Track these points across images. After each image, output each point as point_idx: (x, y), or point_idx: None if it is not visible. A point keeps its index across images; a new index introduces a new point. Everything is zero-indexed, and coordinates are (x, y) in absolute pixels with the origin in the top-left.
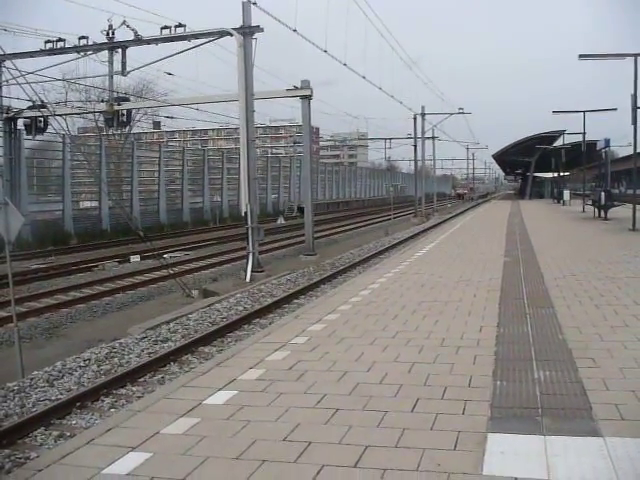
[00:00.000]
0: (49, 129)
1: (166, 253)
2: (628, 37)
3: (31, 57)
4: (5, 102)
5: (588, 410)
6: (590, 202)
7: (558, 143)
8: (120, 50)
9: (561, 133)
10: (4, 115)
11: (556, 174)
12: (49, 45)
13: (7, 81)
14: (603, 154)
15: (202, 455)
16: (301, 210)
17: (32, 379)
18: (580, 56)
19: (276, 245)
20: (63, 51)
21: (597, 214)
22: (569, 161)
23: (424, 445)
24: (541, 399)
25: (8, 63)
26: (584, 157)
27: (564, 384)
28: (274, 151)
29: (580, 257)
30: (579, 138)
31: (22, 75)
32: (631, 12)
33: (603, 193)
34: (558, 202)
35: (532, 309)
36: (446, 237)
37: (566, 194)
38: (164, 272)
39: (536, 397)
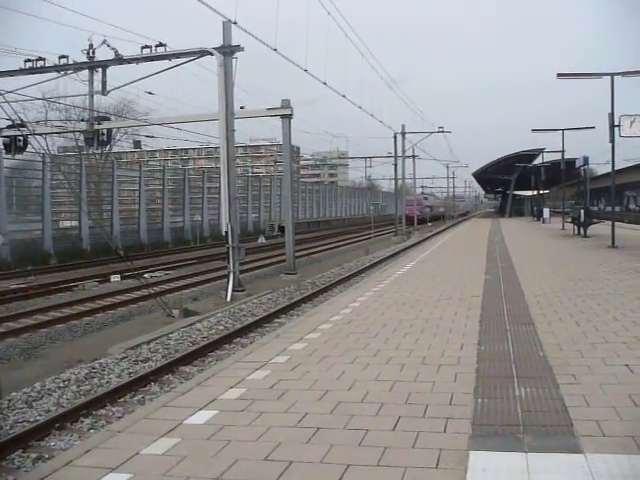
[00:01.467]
0: (29, 148)
1: (146, 272)
2: (610, 55)
3: (10, 76)
4: None
5: (569, 426)
6: (570, 219)
7: (538, 161)
8: (100, 69)
9: (540, 151)
10: None
11: (536, 192)
12: (29, 64)
13: None
14: (582, 172)
15: (183, 475)
16: (282, 229)
17: (10, 400)
18: (558, 75)
19: (257, 264)
20: (43, 70)
21: (577, 231)
22: (548, 179)
23: (406, 464)
24: (522, 416)
25: None
26: (563, 175)
27: (545, 401)
28: (255, 170)
29: (560, 274)
30: (558, 156)
31: (1, 94)
32: (613, 29)
33: (582, 210)
34: (538, 220)
35: (513, 326)
36: (427, 255)
37: (546, 212)
38: (145, 292)
39: (517, 414)
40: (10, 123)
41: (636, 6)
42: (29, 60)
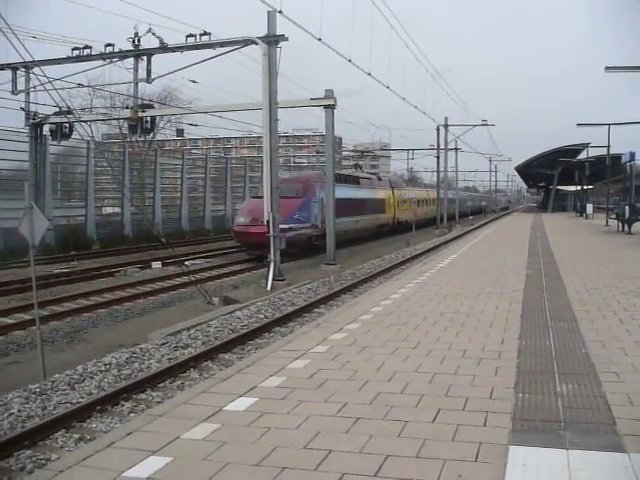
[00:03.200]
0: (74, 135)
1: (187, 260)
2: None
3: (58, 64)
4: (31, 108)
5: (612, 425)
6: (614, 216)
7: (582, 156)
8: (145, 57)
9: (585, 146)
10: (30, 121)
11: (579, 187)
12: (76, 52)
13: (34, 87)
14: (628, 167)
15: (222, 461)
16: None
17: (53, 382)
18: (606, 68)
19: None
20: (89, 58)
21: (621, 228)
22: (593, 174)
23: (445, 456)
24: (564, 412)
25: (36, 70)
26: (608, 170)
27: (587, 398)
28: (297, 160)
29: (603, 271)
30: (603, 151)
31: (49, 81)
32: None
33: (627, 207)
34: (581, 215)
35: (554, 322)
36: (468, 249)
37: (589, 208)
38: (185, 279)
39: (558, 410)
40: (57, 110)
41: None
42: (76, 48)
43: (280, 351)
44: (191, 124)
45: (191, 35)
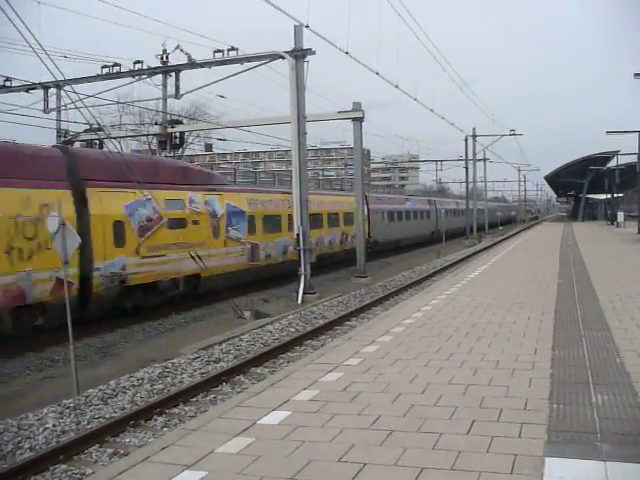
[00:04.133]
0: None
1: None
2: None
3: (88, 82)
4: (62, 126)
5: None
6: None
7: (612, 164)
8: (174, 74)
9: (615, 154)
10: (62, 139)
11: (609, 195)
12: (105, 70)
13: (65, 105)
14: None
15: (257, 475)
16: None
17: (87, 397)
18: (635, 75)
19: (328, 267)
20: (119, 75)
21: None
22: (623, 182)
23: (480, 468)
24: (600, 424)
25: (67, 88)
26: (639, 177)
27: (623, 409)
28: (325, 173)
29: (636, 280)
30: (634, 159)
31: (80, 99)
32: None
33: None
34: (612, 224)
35: (588, 331)
36: (498, 259)
37: (620, 216)
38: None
39: (594, 421)
40: (87, 127)
41: None
42: (105, 66)
43: (312, 364)
44: (219, 139)
45: (219, 51)
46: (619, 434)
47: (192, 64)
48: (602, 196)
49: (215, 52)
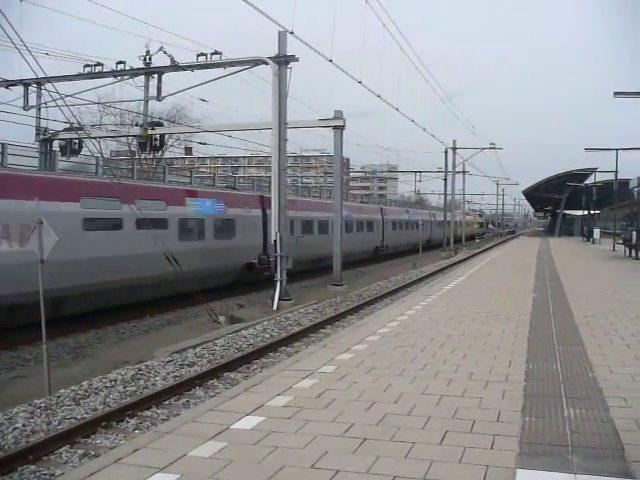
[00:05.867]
0: (83, 151)
1: None
2: None
3: (69, 80)
4: (42, 124)
5: (620, 450)
6: (621, 241)
7: (589, 181)
8: (156, 76)
9: (592, 171)
10: (41, 136)
11: (586, 212)
12: (87, 69)
13: (45, 103)
14: (635, 193)
15: (229, 479)
16: None
17: (59, 397)
18: (615, 94)
19: (304, 274)
20: (101, 75)
21: (628, 253)
22: (600, 199)
23: (452, 478)
24: (571, 437)
25: (48, 86)
26: (616, 195)
27: (595, 423)
28: (304, 181)
29: (610, 296)
30: (611, 176)
31: (61, 97)
32: None
33: (635, 232)
34: (588, 240)
35: (561, 346)
36: (474, 272)
37: (596, 232)
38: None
39: (566, 435)
40: (67, 126)
41: None
42: (88, 65)
43: (287, 370)
44: (200, 142)
45: (202, 54)
46: (590, 447)
47: (175, 67)
48: (579, 212)
49: (198, 55)
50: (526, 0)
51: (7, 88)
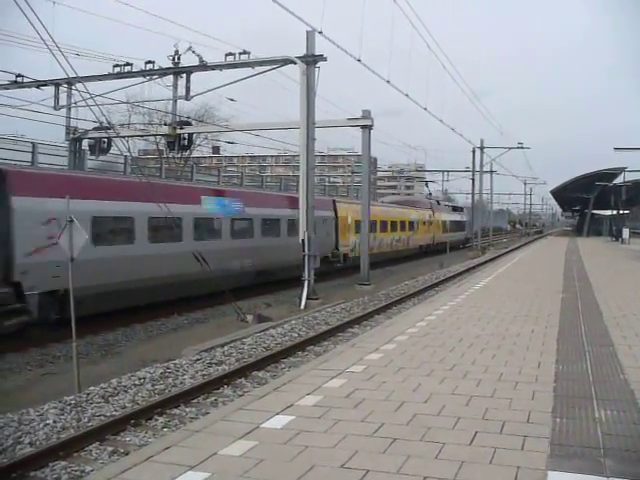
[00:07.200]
0: (112, 150)
1: None
2: None
3: (99, 80)
4: (72, 123)
5: None
6: None
7: (618, 180)
8: (185, 75)
9: (622, 170)
10: (70, 136)
11: (615, 212)
12: (117, 69)
13: (76, 103)
14: None
15: (260, 478)
16: None
17: (88, 394)
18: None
19: (332, 274)
20: (130, 75)
21: None
22: (629, 199)
23: (483, 479)
24: (603, 439)
25: (79, 85)
26: None
27: (627, 425)
28: (332, 180)
29: None
30: None
31: (91, 97)
32: None
33: None
34: (617, 240)
35: (591, 347)
36: (502, 271)
37: (625, 232)
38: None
39: (597, 437)
40: (97, 125)
41: None
42: (117, 65)
43: (316, 370)
44: (228, 142)
45: (230, 54)
46: (622, 450)
47: (203, 66)
48: (608, 212)
49: (227, 55)
50: None
51: (38, 88)
